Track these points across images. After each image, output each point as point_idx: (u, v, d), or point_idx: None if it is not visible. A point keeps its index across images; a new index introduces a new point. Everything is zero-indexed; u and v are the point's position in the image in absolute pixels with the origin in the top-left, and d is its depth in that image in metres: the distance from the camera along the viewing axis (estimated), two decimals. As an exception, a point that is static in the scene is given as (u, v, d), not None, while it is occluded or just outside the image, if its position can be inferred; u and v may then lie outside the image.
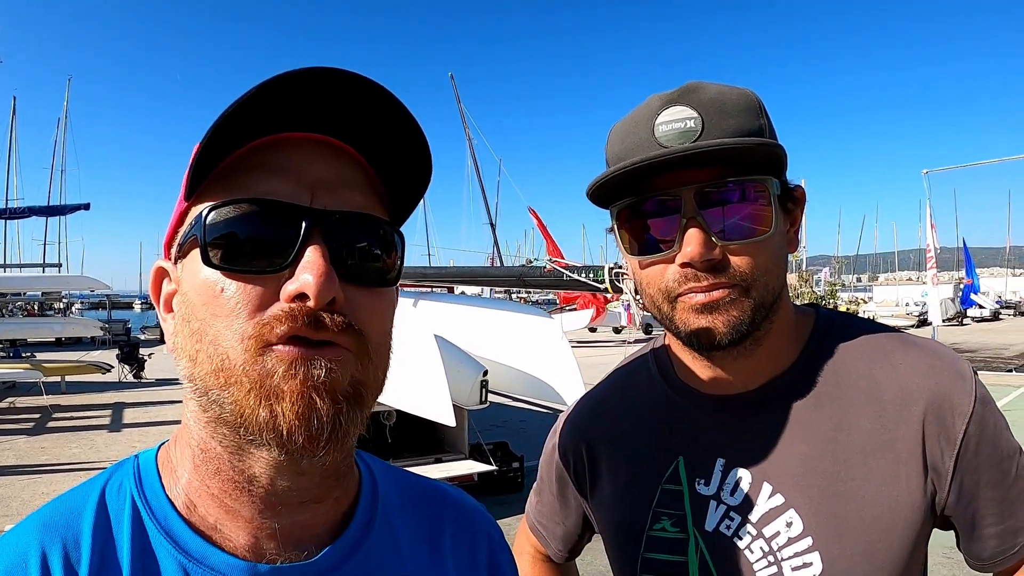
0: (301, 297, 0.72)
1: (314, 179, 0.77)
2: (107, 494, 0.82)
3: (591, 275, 7.30)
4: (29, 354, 22.80)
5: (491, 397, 8.64)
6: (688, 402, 1.27)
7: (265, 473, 0.78)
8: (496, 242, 33.09)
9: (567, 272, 7.71)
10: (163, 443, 0.89)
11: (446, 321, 9.17)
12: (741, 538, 1.16)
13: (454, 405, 7.22)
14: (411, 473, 1.07)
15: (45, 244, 57.73)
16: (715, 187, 1.09)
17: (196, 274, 0.76)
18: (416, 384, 7.11)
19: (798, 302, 1.31)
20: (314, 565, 0.82)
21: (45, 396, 16.53)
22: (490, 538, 1.05)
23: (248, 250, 0.74)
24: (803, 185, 1.20)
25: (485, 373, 8.03)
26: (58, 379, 18.99)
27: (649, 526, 1.25)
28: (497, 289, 22.57)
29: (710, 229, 1.08)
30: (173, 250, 0.82)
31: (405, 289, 12.64)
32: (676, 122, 1.09)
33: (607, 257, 6.92)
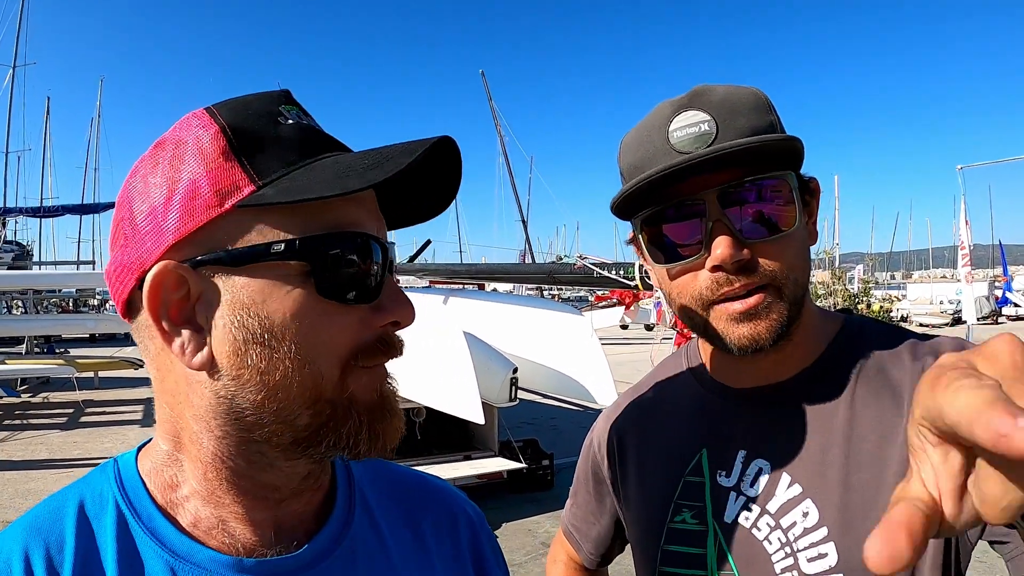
0: (395, 324, 0.81)
1: (376, 211, 0.83)
2: (88, 497, 0.82)
3: (621, 272, 7.25)
4: (63, 350, 23.08)
5: (521, 395, 8.62)
6: (714, 395, 1.28)
7: (286, 483, 0.83)
8: (528, 239, 33.17)
9: (597, 269, 7.65)
10: (141, 446, 0.89)
11: (476, 318, 9.15)
12: (760, 529, 1.15)
13: (484, 402, 7.18)
14: (384, 462, 1.07)
15: (79, 242, 58.57)
16: (737, 187, 1.09)
17: (284, 298, 0.74)
18: (445, 381, 7.08)
19: (831, 300, 1.27)
20: (302, 556, 0.84)
21: (78, 391, 16.73)
22: (471, 523, 1.07)
23: (354, 282, 0.77)
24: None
25: (515, 371, 7.98)
26: (91, 374, 19.17)
27: (670, 518, 1.25)
28: (529, 287, 22.59)
29: (736, 230, 1.08)
30: (190, 252, 0.74)
31: (436, 287, 12.64)
32: (691, 126, 1.09)
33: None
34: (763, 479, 1.16)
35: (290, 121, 0.80)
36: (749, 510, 1.16)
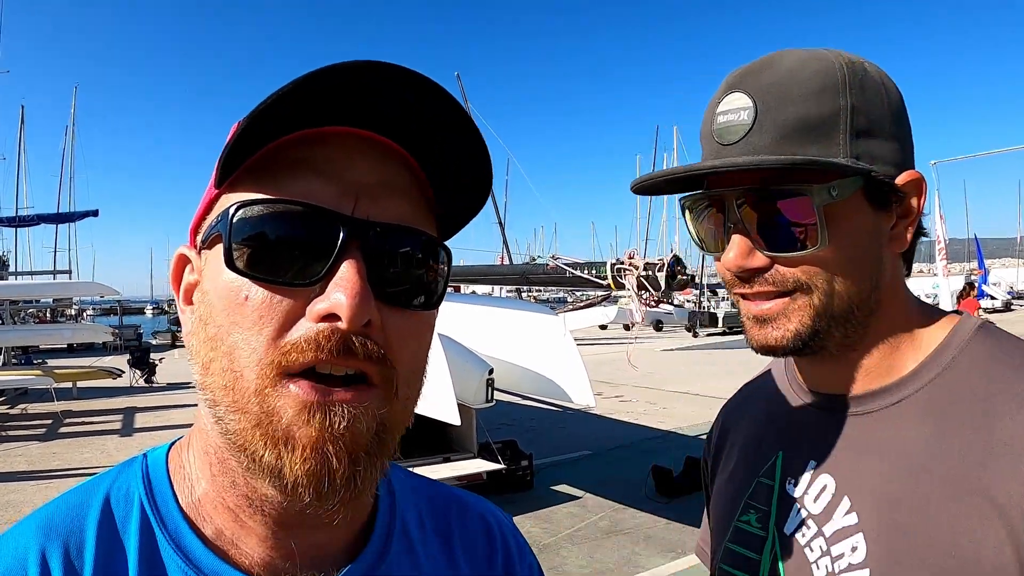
0: (331, 317, 0.65)
1: (358, 183, 0.69)
2: (113, 498, 0.77)
3: (594, 271, 7.29)
4: (40, 360, 22.95)
5: (499, 396, 8.66)
6: (799, 397, 1.21)
7: (275, 495, 0.72)
8: (505, 241, 33.08)
9: (570, 269, 7.70)
10: (174, 442, 0.84)
11: (451, 320, 9.17)
12: (812, 550, 1.08)
13: (460, 404, 7.19)
14: (426, 479, 1.02)
15: (55, 251, 57.77)
16: (756, 194, 1.01)
17: (218, 274, 0.69)
18: (421, 383, 7.01)
19: None
20: None
21: (56, 402, 16.60)
22: (504, 541, 1.01)
23: (277, 257, 0.67)
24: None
25: (491, 372, 8.03)
26: (69, 385, 19.05)
27: (738, 516, 1.21)
28: (508, 289, 22.55)
29: (753, 237, 1.02)
30: (199, 237, 0.75)
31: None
32: (731, 113, 1.03)
33: (618, 255, 6.89)
34: (825, 497, 1.08)
35: None
36: (808, 527, 1.09)
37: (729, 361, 24.82)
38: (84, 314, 48.34)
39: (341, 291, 0.65)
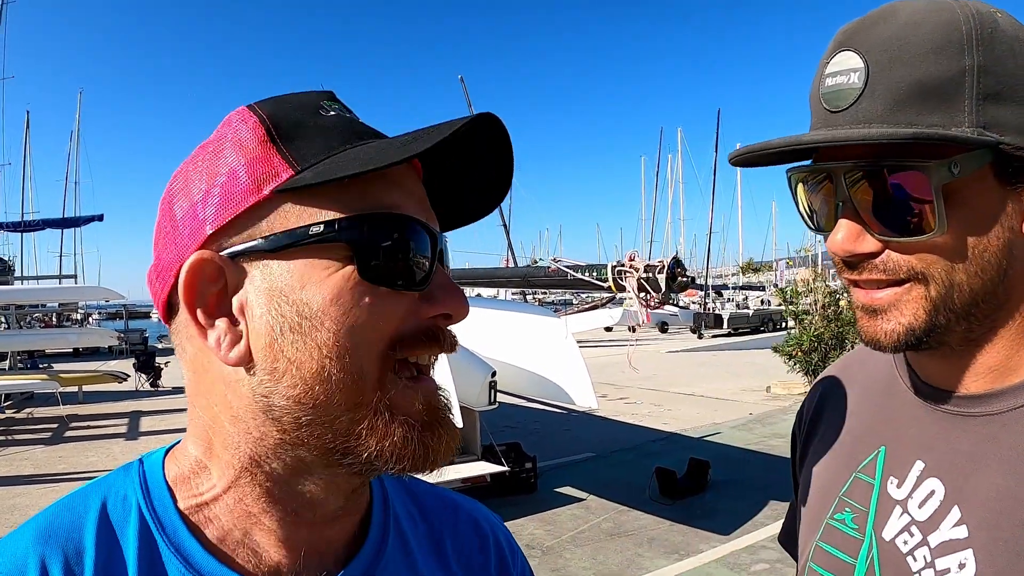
0: (443, 316, 0.76)
1: (421, 198, 0.79)
2: (110, 503, 0.77)
3: (594, 273, 7.30)
4: (46, 365, 22.92)
5: (503, 398, 8.66)
6: (908, 386, 1.08)
7: (323, 495, 0.78)
8: (510, 244, 33.14)
9: (571, 271, 7.71)
10: (169, 448, 0.84)
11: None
12: (915, 559, 0.96)
13: (463, 406, 7.22)
14: (416, 479, 1.02)
15: (61, 256, 57.95)
16: (870, 168, 0.89)
17: (324, 282, 0.70)
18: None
19: (811, 298, 1.11)
20: None
21: (62, 406, 16.65)
22: (498, 545, 1.01)
23: (396, 265, 0.73)
24: None
25: (493, 374, 8.03)
26: (75, 389, 19.08)
27: (831, 513, 1.10)
28: (513, 291, 22.55)
29: (863, 218, 0.91)
30: (229, 242, 0.73)
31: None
32: (841, 75, 0.91)
33: (622, 256, 6.91)
34: (932, 504, 0.97)
35: (331, 113, 0.78)
36: (910, 534, 0.98)
37: (734, 363, 24.83)
38: (90, 318, 48.53)
39: (451, 296, 0.76)
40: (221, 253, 0.72)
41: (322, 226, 0.71)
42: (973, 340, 0.95)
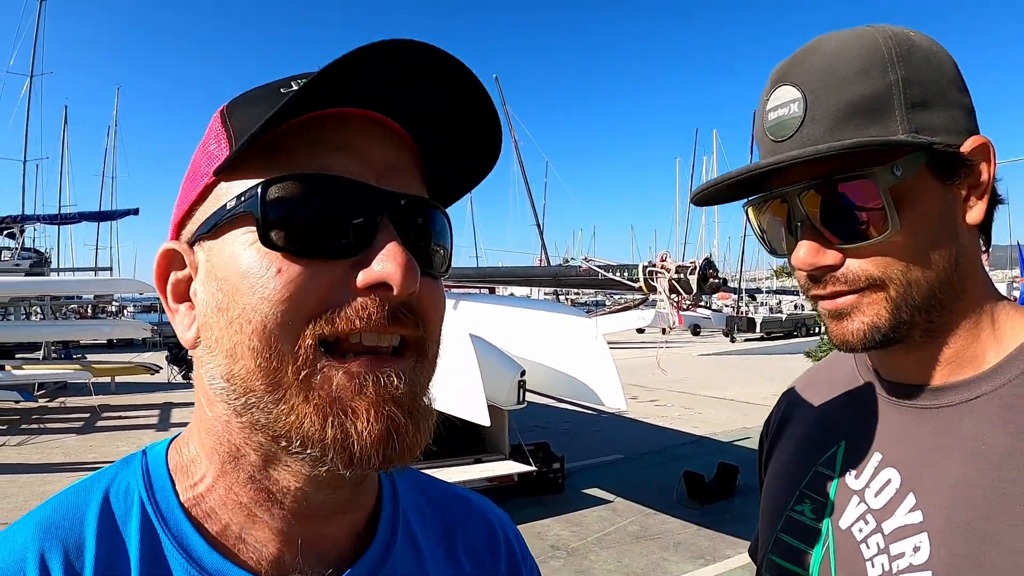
0: (380, 287, 0.67)
1: (379, 161, 0.71)
2: (112, 496, 0.75)
3: (625, 274, 7.26)
4: (80, 355, 23.31)
5: (534, 398, 8.66)
6: (868, 384, 1.16)
7: (299, 485, 0.73)
8: (543, 244, 33.21)
9: (602, 271, 7.67)
10: (172, 439, 0.83)
11: (484, 322, 9.18)
12: (868, 547, 1.03)
13: (492, 406, 7.21)
14: (429, 476, 1.02)
15: (97, 248, 58.81)
16: (817, 187, 0.98)
17: (240, 255, 0.68)
18: (451, 384, 7.09)
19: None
20: None
21: (95, 396, 16.83)
22: (509, 545, 1.00)
23: (317, 232, 0.67)
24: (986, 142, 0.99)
25: (523, 373, 8.01)
26: (108, 380, 19.38)
27: (792, 505, 1.17)
28: (546, 291, 22.57)
29: (822, 233, 0.99)
30: (189, 230, 0.74)
31: (447, 291, 12.69)
32: (781, 108, 1.01)
33: (655, 257, 6.88)
34: (888, 492, 1.03)
35: (294, 88, 0.71)
36: (865, 522, 1.04)
37: (766, 367, 24.64)
38: (124, 310, 49.06)
39: (390, 260, 0.66)
40: (182, 241, 0.75)
41: (235, 200, 0.69)
42: (933, 332, 1.02)
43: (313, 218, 0.67)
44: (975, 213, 1.00)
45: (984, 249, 1.06)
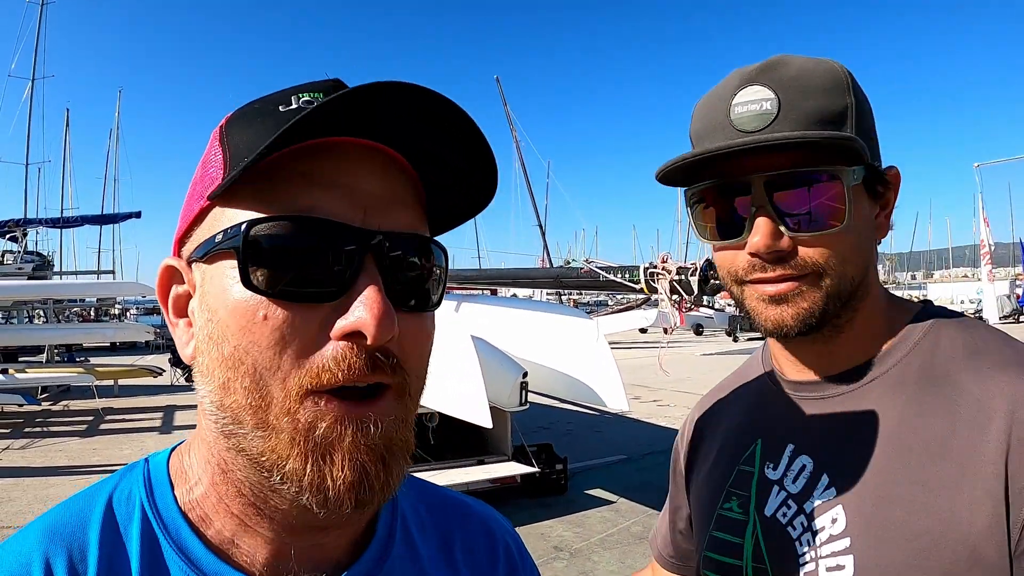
0: (355, 335, 0.66)
1: (367, 196, 0.70)
2: (115, 501, 0.77)
3: (626, 275, 7.26)
4: (83, 358, 23.32)
5: (536, 399, 8.64)
6: (774, 385, 1.26)
7: (287, 508, 0.72)
8: (545, 245, 33.26)
9: (603, 272, 7.68)
10: (176, 446, 0.84)
11: (486, 323, 9.17)
12: (794, 528, 1.12)
13: (494, 407, 7.20)
14: (427, 482, 1.02)
15: (99, 251, 59.02)
16: (786, 176, 1.05)
17: (228, 291, 0.68)
18: (454, 385, 7.08)
19: None
20: None
21: (98, 399, 16.83)
22: (508, 550, 1.00)
23: (294, 275, 0.67)
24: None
25: (525, 375, 7.99)
26: (111, 382, 19.38)
27: (720, 504, 1.25)
28: (549, 293, 22.57)
29: (779, 219, 1.06)
30: (188, 248, 0.75)
31: (449, 292, 12.69)
32: (752, 103, 1.06)
33: (656, 258, 6.89)
34: (804, 477, 1.14)
35: (293, 106, 0.72)
36: (788, 507, 1.14)
37: (768, 366, 24.54)
38: (127, 313, 49.13)
39: (365, 309, 0.66)
40: (182, 259, 0.75)
41: (222, 234, 0.69)
42: (839, 327, 1.12)
43: (295, 262, 0.67)
44: (883, 230, 1.17)
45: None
